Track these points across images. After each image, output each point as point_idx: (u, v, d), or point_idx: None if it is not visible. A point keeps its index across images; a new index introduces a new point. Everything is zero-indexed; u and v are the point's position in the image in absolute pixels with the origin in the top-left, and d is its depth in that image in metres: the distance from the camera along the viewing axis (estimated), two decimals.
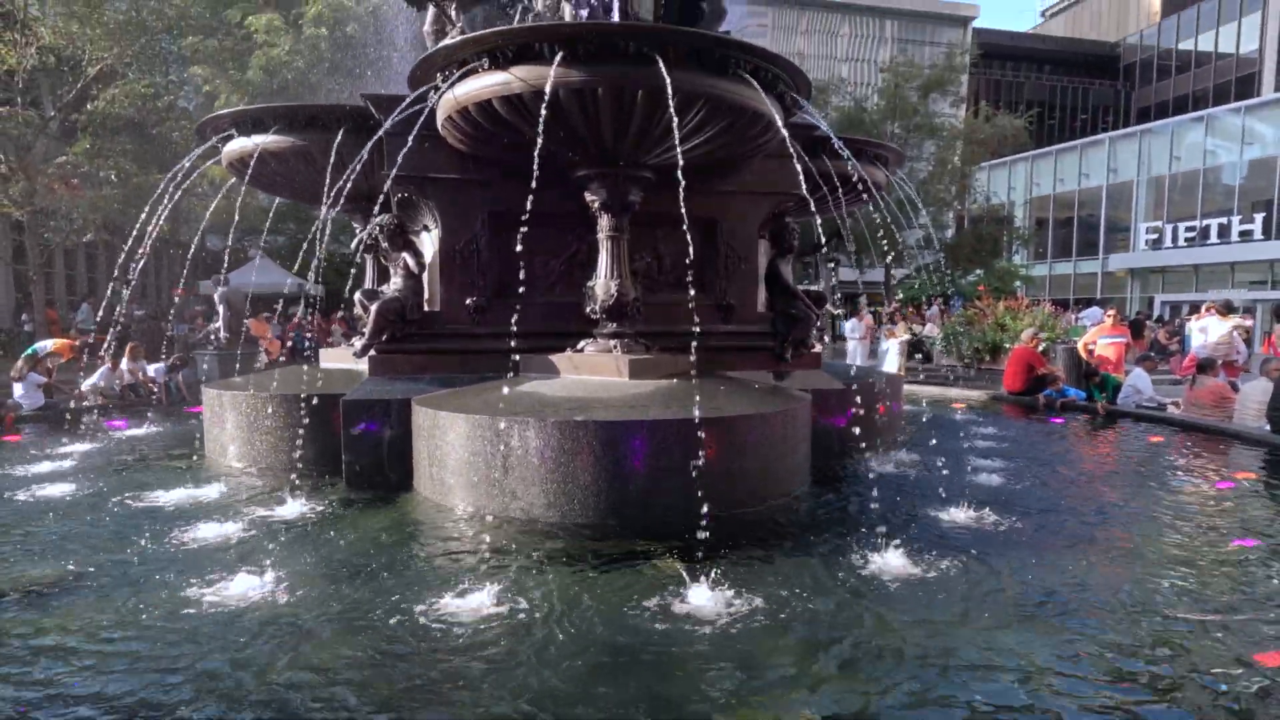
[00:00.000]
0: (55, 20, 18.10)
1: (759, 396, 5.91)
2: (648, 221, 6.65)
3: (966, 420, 9.64)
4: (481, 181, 6.44)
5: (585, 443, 4.75)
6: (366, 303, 6.42)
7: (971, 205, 34.72)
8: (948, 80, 30.73)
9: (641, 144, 5.39)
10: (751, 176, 6.97)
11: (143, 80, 19.21)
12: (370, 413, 5.82)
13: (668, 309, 6.84)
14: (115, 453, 7.39)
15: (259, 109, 6.72)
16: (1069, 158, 43.71)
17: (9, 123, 17.16)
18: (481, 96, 5.08)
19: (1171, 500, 5.67)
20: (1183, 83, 54.51)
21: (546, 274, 6.81)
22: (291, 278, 21.94)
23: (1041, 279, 42.43)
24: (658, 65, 4.59)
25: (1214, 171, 36.76)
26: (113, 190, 18.61)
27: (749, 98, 5.10)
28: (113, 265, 28.47)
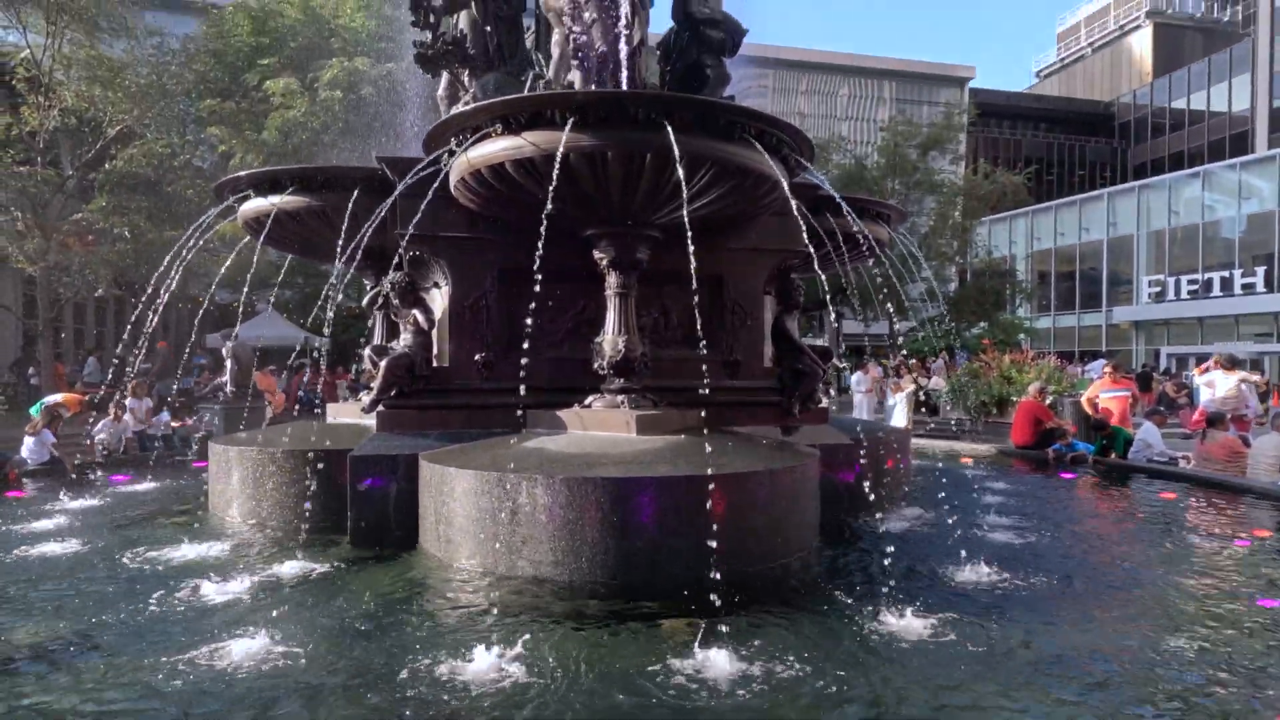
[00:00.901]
0: (79, 84, 18.69)
1: (767, 452, 5.89)
2: (655, 278, 6.74)
3: (975, 475, 9.57)
4: (491, 240, 6.55)
5: (593, 500, 4.72)
6: (376, 358, 6.47)
7: (974, 259, 35.05)
8: (946, 138, 31.39)
9: (649, 204, 5.50)
10: (757, 234, 7.08)
11: (160, 140, 19.73)
12: (377, 468, 5.81)
13: (675, 365, 6.88)
14: (118, 508, 7.36)
15: (276, 170, 6.90)
16: (1069, 212, 44.30)
17: (28, 181, 17.57)
18: (494, 159, 5.21)
19: (1188, 558, 5.59)
20: (1177, 140, 55.57)
21: (554, 330, 6.87)
22: (300, 331, 22.13)
23: (1045, 331, 42.58)
24: (666, 130, 4.72)
25: (1213, 225, 37.18)
26: (126, 246, 18.93)
27: (754, 160, 5.23)
28: (121, 319, 28.78)
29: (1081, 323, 43.24)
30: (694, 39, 7.39)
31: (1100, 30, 74.21)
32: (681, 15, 7.44)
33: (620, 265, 6.05)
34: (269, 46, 22.23)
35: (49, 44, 18.21)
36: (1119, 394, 12.43)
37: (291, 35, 22.46)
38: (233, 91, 21.64)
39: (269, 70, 20.83)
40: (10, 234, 18.15)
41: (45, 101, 17.98)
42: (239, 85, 21.68)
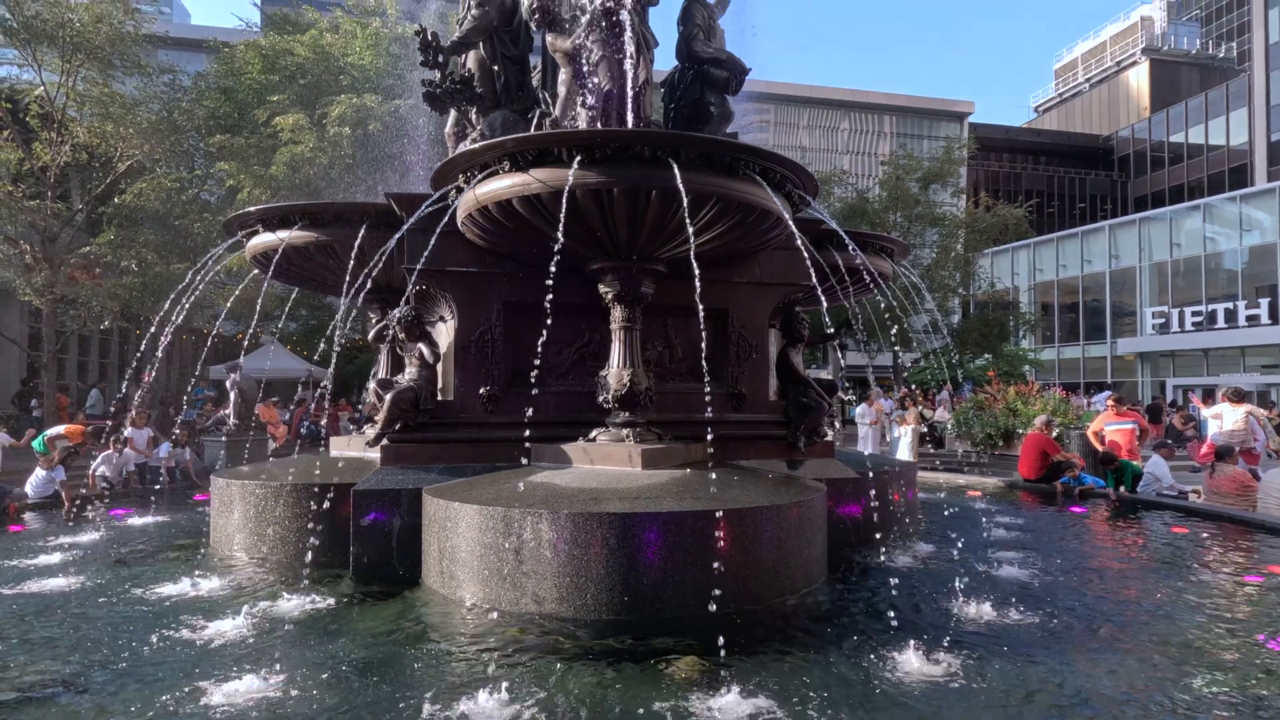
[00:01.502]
0: (91, 120, 18.99)
1: (773, 487, 5.85)
2: (660, 311, 6.77)
3: (983, 509, 9.47)
4: (497, 274, 6.59)
5: (599, 535, 4.68)
6: (381, 392, 6.47)
7: (977, 291, 35.14)
8: (947, 172, 31.66)
9: (655, 239, 5.54)
10: (761, 268, 7.12)
11: (170, 175, 19.98)
12: (380, 503, 5.78)
13: (680, 398, 6.87)
14: (118, 543, 7.31)
15: (286, 206, 6.97)
16: (1070, 244, 44.49)
17: (37, 215, 17.76)
18: (502, 196, 5.27)
19: (1201, 595, 5.50)
20: (1177, 173, 56.03)
21: (559, 363, 6.88)
22: (303, 363, 22.17)
23: (1050, 363, 42.50)
24: (671, 167, 4.78)
25: (1215, 257, 37.30)
26: (133, 279, 19.07)
27: (758, 196, 5.27)
28: (126, 352, 28.86)
29: (1086, 354, 43.17)
30: (698, 77, 7.51)
31: (1097, 66, 75.34)
32: (686, 54, 7.57)
33: (625, 299, 6.08)
34: (279, 83, 22.59)
35: (63, 81, 18.53)
36: (1124, 426, 12.34)
37: (301, 73, 22.83)
38: (242, 127, 21.95)
39: (278, 106, 21.15)
40: (18, 267, 18.29)
41: (57, 137, 18.25)
42: (248, 121, 22.00)
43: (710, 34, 7.53)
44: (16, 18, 17.45)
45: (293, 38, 23.66)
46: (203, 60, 27.94)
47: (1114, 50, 74.15)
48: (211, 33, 35.22)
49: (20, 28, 17.50)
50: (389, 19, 24.78)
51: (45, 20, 17.53)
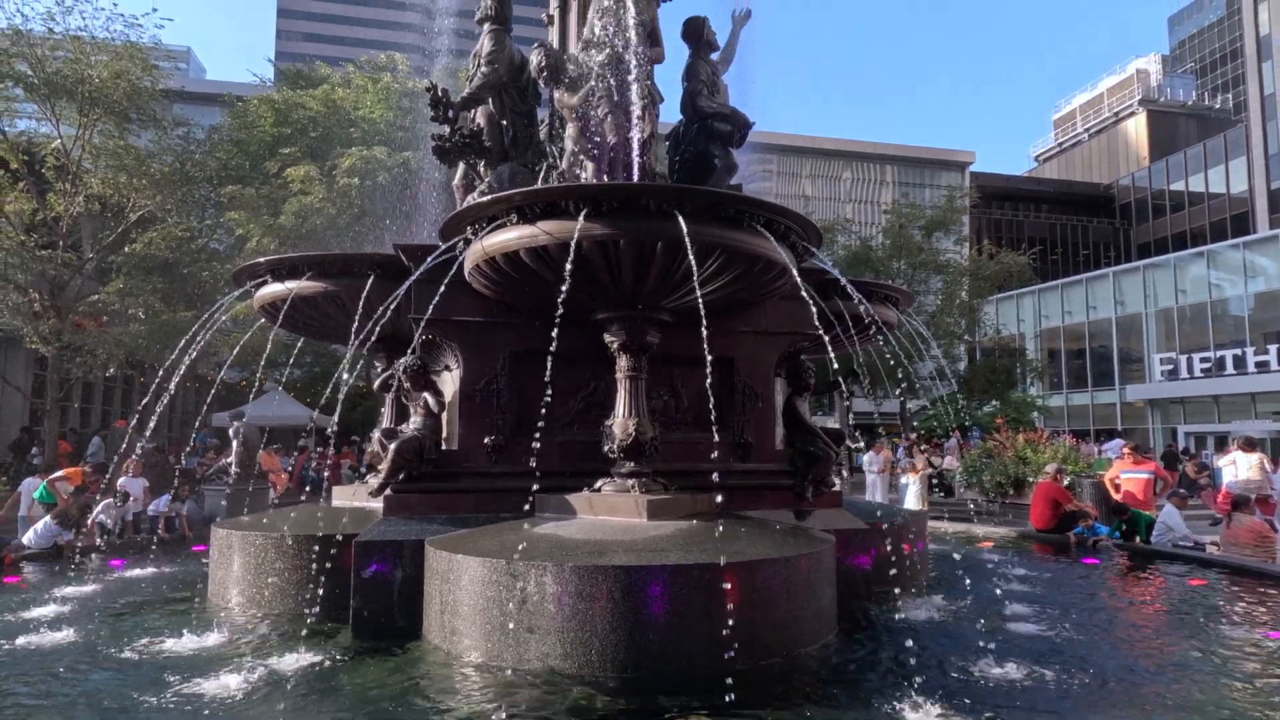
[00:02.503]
0: (105, 172, 19.35)
1: (781, 538, 5.76)
2: (665, 360, 6.76)
3: (995, 560, 9.30)
4: (502, 324, 6.62)
5: (604, 589, 4.59)
6: (385, 441, 6.44)
7: (982, 338, 35.14)
8: (950, 220, 31.95)
9: (660, 290, 5.56)
10: (767, 317, 7.12)
11: (180, 224, 20.29)
12: (382, 554, 5.70)
13: (686, 447, 6.82)
14: (115, 595, 7.21)
15: (296, 258, 7.05)
16: (1075, 291, 44.60)
17: (48, 264, 17.97)
18: (509, 247, 5.33)
19: (1223, 653, 5.34)
20: (1179, 220, 56.46)
21: (564, 412, 6.84)
22: (307, 410, 22.15)
23: (1059, 409, 42.20)
24: (677, 220, 4.83)
25: (1221, 304, 37.30)
26: (140, 326, 19.20)
27: (763, 247, 5.31)
28: (130, 399, 28.90)
29: (1095, 401, 42.90)
30: (702, 131, 7.64)
31: (1095, 117, 76.62)
32: (690, 109, 7.71)
33: (631, 348, 6.08)
34: (290, 136, 23.07)
35: (80, 135, 18.96)
36: (1140, 475, 12.17)
37: (313, 125, 23.34)
38: (253, 178, 22.35)
39: (289, 158, 21.56)
40: (27, 315, 18.44)
41: (72, 188, 18.59)
42: (259, 172, 22.41)
43: (714, 89, 7.68)
44: (38, 74, 17.95)
45: (306, 92, 24.24)
46: (217, 113, 28.61)
47: (1111, 101, 75.48)
48: (226, 87, 36.19)
49: (41, 83, 17.99)
50: (400, 74, 25.43)
51: (65, 76, 18.03)
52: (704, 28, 7.78)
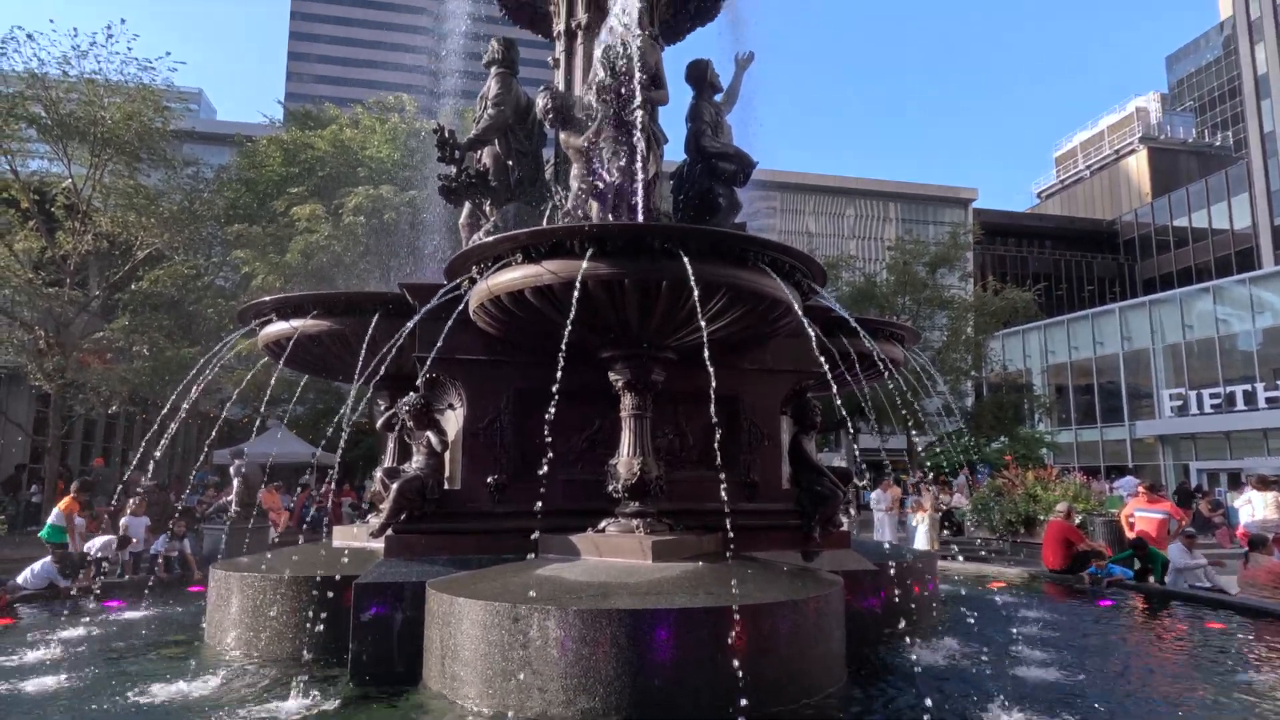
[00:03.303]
0: (115, 211, 19.57)
1: (788, 581, 5.65)
2: (670, 398, 6.70)
3: (1008, 602, 9.11)
4: (507, 362, 6.59)
5: (608, 634, 4.48)
6: (388, 481, 6.38)
7: (989, 373, 35.01)
8: (954, 257, 32.06)
9: (665, 328, 5.55)
10: (772, 355, 7.09)
11: (187, 262, 20.45)
12: (383, 596, 5.60)
13: (691, 486, 6.73)
14: (111, 638, 7.08)
15: (301, 296, 7.07)
16: (1081, 326, 44.53)
17: (55, 301, 18.08)
18: (515, 287, 5.34)
19: (1245, 699, 5.18)
20: (1183, 256, 56.57)
21: (568, 451, 6.77)
22: (309, 448, 22.06)
23: (1068, 445, 41.83)
24: (681, 259, 4.83)
25: (1228, 339, 37.16)
26: (143, 363, 19.21)
27: (767, 286, 5.30)
28: (132, 436, 28.83)
29: (1105, 437, 42.53)
30: (706, 170, 7.70)
31: (1096, 154, 77.33)
32: (694, 148, 7.79)
33: (635, 387, 6.04)
34: (298, 175, 23.35)
35: (91, 174, 19.22)
36: (1155, 515, 11.97)
37: (320, 165, 23.64)
38: (260, 216, 22.57)
39: (296, 197, 21.79)
40: (31, 352, 18.49)
41: (81, 227, 18.77)
42: (266, 211, 22.65)
43: (718, 129, 7.77)
44: (51, 116, 18.28)
45: (314, 133, 24.62)
46: (227, 153, 29.05)
47: (1112, 139, 76.24)
48: (236, 128, 36.82)
49: (54, 125, 18.30)
50: (407, 115, 25.83)
51: (79, 118, 18.34)
52: (707, 70, 7.90)
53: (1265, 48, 48.42)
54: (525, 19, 9.21)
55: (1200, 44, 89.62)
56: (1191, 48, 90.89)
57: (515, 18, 9.24)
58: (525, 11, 9.09)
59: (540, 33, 9.17)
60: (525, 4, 8.95)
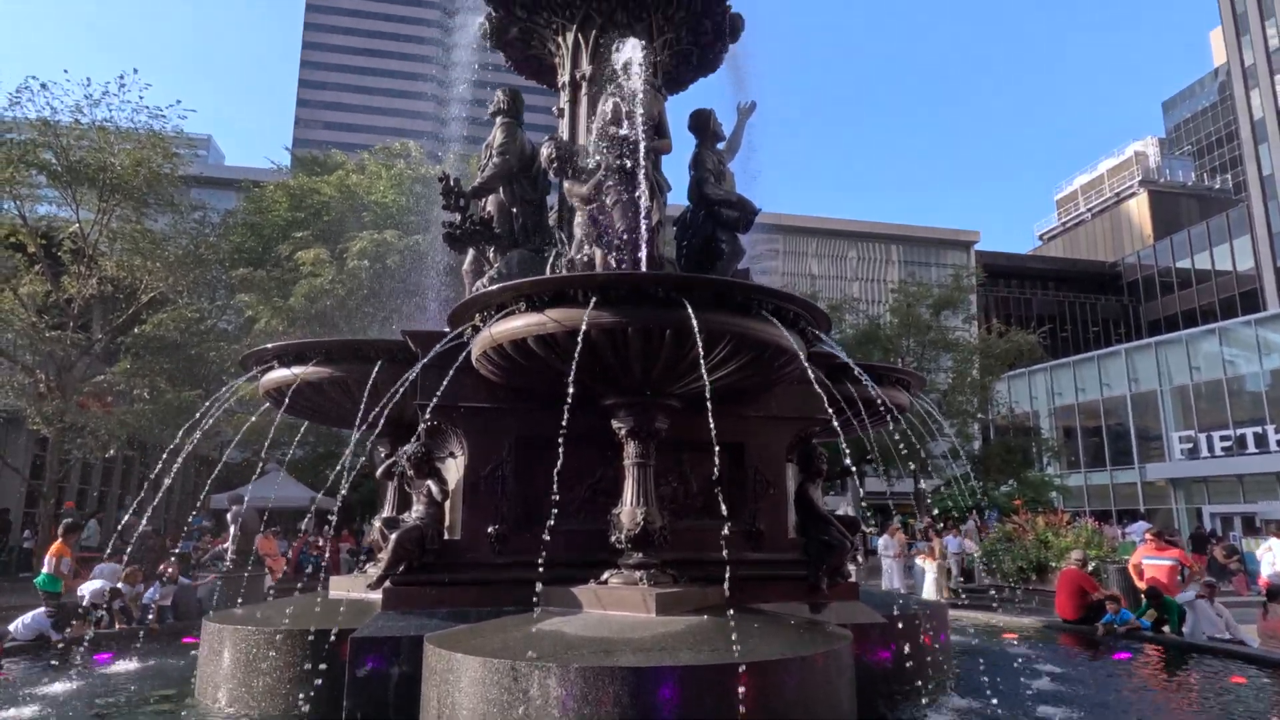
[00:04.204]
0: (121, 255, 19.70)
1: (796, 635, 5.50)
2: (674, 445, 6.62)
3: (1022, 654, 8.86)
4: (509, 410, 6.54)
5: (611, 692, 4.34)
6: (386, 531, 6.28)
7: (996, 416, 34.77)
8: (957, 299, 32.11)
9: (669, 376, 5.50)
10: (777, 402, 7.02)
11: (191, 306, 20.52)
12: (379, 651, 5.46)
13: (695, 535, 6.60)
14: (98, 693, 6.88)
15: (303, 344, 7.06)
16: (1088, 368, 44.35)
17: (57, 345, 18.07)
18: (518, 335, 5.33)
19: None
20: (1187, 297, 56.60)
21: (570, 500, 6.66)
22: (309, 492, 21.84)
23: (1078, 489, 41.32)
24: (685, 308, 4.81)
25: (1236, 381, 36.93)
26: (144, 407, 19.13)
27: (771, 334, 5.28)
28: (129, 480, 28.61)
29: (1115, 480, 42.02)
30: (709, 217, 7.74)
31: (1097, 197, 78.05)
32: (697, 196, 7.85)
33: (639, 435, 5.98)
34: (304, 220, 23.56)
35: (98, 219, 19.40)
36: (1164, 562, 11.71)
37: (326, 210, 23.86)
38: (265, 260, 22.70)
39: (302, 242, 21.93)
40: (31, 395, 18.43)
41: (86, 271, 18.88)
42: (271, 255, 22.78)
43: (720, 177, 7.83)
44: (61, 162, 18.54)
45: (320, 179, 24.92)
46: (233, 198, 29.40)
47: (1112, 182, 77.00)
48: (244, 173, 37.37)
49: (64, 170, 18.56)
50: (413, 160, 26.19)
51: (88, 164, 18.59)
52: (710, 119, 8.00)
53: (1260, 93, 49.13)
54: (531, 70, 9.38)
55: (1195, 89, 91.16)
56: (1187, 93, 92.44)
57: (521, 69, 9.41)
58: (531, 63, 9.25)
59: (545, 83, 9.32)
60: (531, 56, 9.11)
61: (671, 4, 8.21)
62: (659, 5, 8.18)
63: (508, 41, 8.96)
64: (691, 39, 8.71)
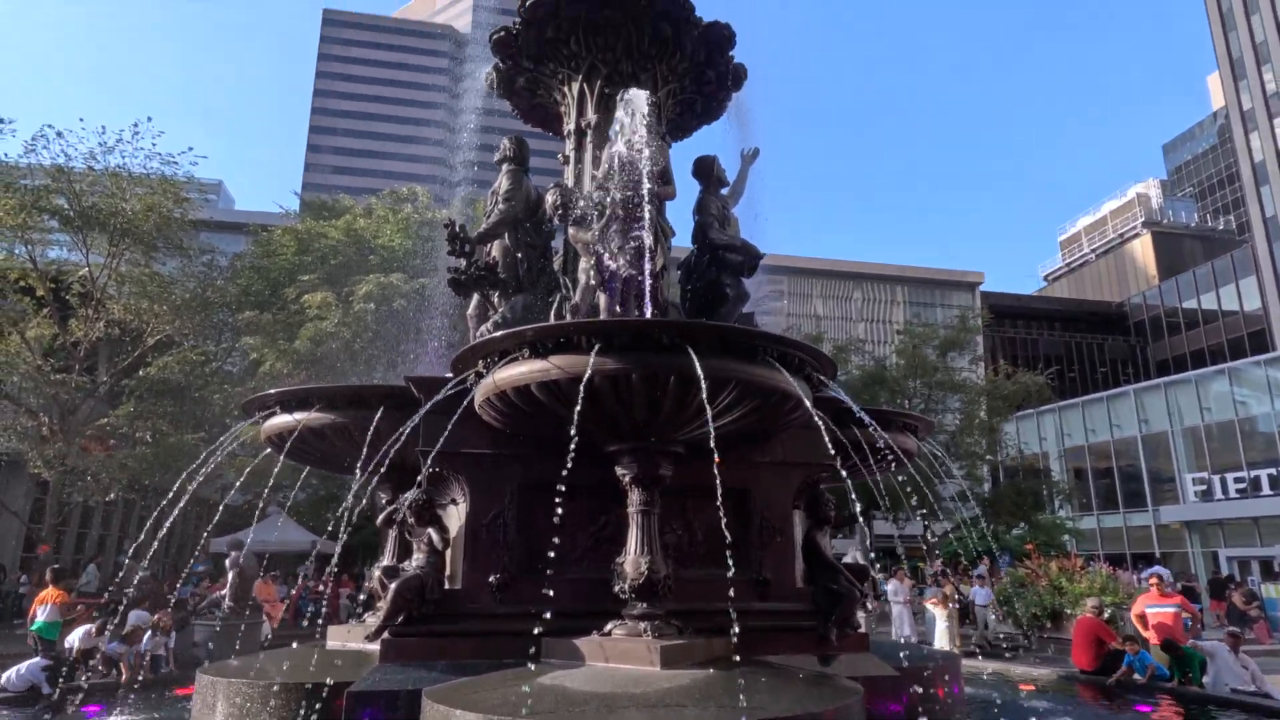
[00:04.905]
0: (128, 299, 19.81)
1: (805, 690, 5.34)
2: (679, 492, 6.51)
3: (1038, 707, 8.60)
4: (511, 456, 6.48)
5: None
6: (386, 580, 6.17)
7: (1006, 458, 34.41)
8: (963, 341, 32.03)
9: (673, 423, 5.45)
10: (783, 447, 6.93)
11: (196, 349, 20.54)
12: (377, 706, 5.32)
13: (701, 585, 6.46)
14: None
15: (305, 390, 7.04)
16: (1097, 409, 43.98)
17: (61, 388, 18.06)
18: (521, 382, 5.30)
19: None
20: (1195, 338, 56.38)
21: (573, 548, 6.55)
22: (310, 535, 21.60)
23: (1090, 532, 40.64)
24: (689, 354, 4.78)
25: (1248, 421, 36.54)
26: (145, 450, 19.05)
27: (776, 380, 5.24)
28: (129, 523, 28.34)
29: (1129, 523, 41.35)
30: (714, 261, 7.77)
31: (1101, 238, 78.40)
32: (702, 241, 7.89)
33: (643, 482, 5.89)
34: (311, 264, 23.71)
35: (108, 263, 19.55)
36: (1167, 609, 11.41)
37: (333, 254, 24.04)
38: (272, 304, 22.78)
39: (308, 285, 22.03)
40: (34, 439, 18.37)
41: (94, 314, 18.95)
42: (278, 298, 22.87)
43: (725, 222, 7.88)
44: (74, 208, 18.76)
45: (328, 223, 25.15)
46: (242, 241, 29.65)
47: (1115, 224, 77.39)
48: (253, 217, 37.77)
49: (76, 215, 18.76)
50: (420, 205, 26.48)
51: (100, 210, 18.80)
52: (714, 166, 8.08)
53: (1260, 136, 49.57)
54: (537, 118, 9.53)
55: (1195, 132, 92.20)
56: (1187, 136, 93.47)
57: (527, 117, 9.56)
58: (537, 111, 9.40)
59: (551, 131, 9.46)
60: (537, 104, 9.26)
61: (675, 55, 8.36)
62: (663, 56, 8.33)
63: (515, 91, 9.12)
64: (695, 88, 8.84)
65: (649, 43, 8.20)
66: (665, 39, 8.18)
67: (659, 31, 8.11)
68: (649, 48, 8.23)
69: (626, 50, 8.23)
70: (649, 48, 8.23)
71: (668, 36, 8.17)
